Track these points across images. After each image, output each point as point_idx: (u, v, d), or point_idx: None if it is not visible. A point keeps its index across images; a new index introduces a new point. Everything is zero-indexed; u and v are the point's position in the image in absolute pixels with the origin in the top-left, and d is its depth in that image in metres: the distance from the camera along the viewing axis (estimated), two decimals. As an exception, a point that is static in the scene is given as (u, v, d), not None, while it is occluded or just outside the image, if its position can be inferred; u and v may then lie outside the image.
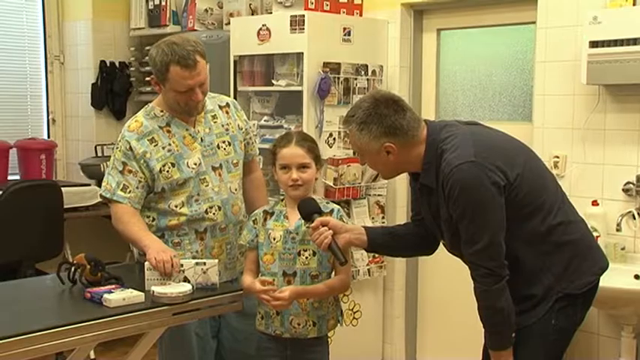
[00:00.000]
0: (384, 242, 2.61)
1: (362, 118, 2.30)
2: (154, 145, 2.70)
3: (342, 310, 2.77)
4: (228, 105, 2.91)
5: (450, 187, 2.20)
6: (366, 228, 2.62)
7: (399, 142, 2.29)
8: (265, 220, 2.67)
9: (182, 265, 2.49)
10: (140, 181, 2.68)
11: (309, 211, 2.57)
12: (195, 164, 2.73)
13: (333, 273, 2.68)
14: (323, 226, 2.50)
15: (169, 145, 2.71)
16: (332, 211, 2.67)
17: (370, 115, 2.29)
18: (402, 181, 4.13)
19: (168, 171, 2.69)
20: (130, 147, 2.68)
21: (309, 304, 2.63)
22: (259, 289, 2.54)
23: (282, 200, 2.71)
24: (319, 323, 2.66)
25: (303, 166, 2.62)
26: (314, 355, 2.69)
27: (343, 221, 2.65)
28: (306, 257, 2.62)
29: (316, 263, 2.63)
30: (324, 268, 2.65)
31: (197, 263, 2.52)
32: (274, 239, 2.63)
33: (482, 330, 2.32)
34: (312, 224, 2.52)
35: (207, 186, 2.74)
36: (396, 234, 2.65)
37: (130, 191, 2.67)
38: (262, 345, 2.70)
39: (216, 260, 2.57)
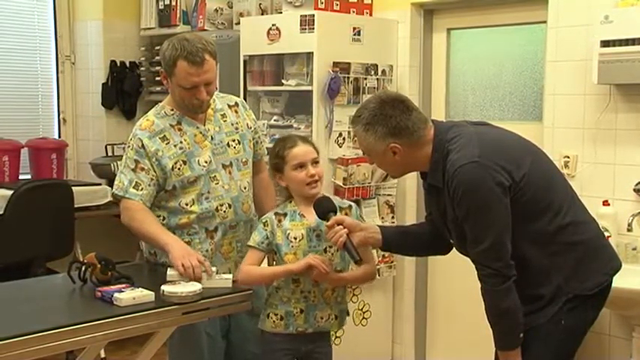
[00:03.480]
0: (399, 241, 2.62)
1: (368, 119, 2.31)
2: (166, 143, 2.71)
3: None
4: (236, 104, 2.92)
5: (455, 187, 2.20)
6: (380, 227, 2.63)
7: (405, 143, 2.29)
8: (280, 221, 2.66)
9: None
10: (152, 179, 2.69)
11: (324, 209, 2.58)
12: (206, 162, 2.74)
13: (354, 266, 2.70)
14: (338, 224, 2.52)
15: (181, 142, 2.72)
16: (351, 207, 2.72)
17: (376, 116, 2.30)
18: (412, 181, 4.12)
19: (179, 168, 2.70)
20: (143, 145, 2.69)
21: (333, 298, 2.67)
22: (321, 259, 2.55)
23: (290, 202, 2.71)
24: (340, 317, 2.71)
25: (315, 162, 2.65)
26: (327, 348, 2.74)
27: (362, 218, 2.71)
28: (332, 254, 2.64)
29: (339, 258, 2.66)
30: (347, 262, 2.67)
31: (216, 272, 2.55)
32: (295, 238, 2.63)
33: (493, 330, 2.31)
34: (328, 223, 2.54)
35: (217, 184, 2.75)
36: (410, 233, 2.66)
37: (142, 189, 2.68)
38: (276, 347, 2.68)
39: (231, 275, 2.60)
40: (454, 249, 2.52)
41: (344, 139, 3.92)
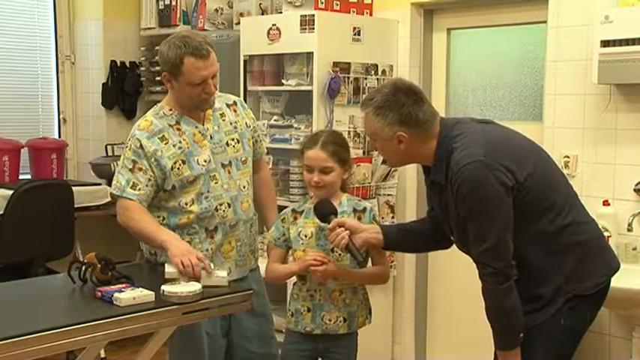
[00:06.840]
0: (400, 240, 2.64)
1: (380, 103, 2.30)
2: (165, 143, 2.71)
3: (370, 309, 2.81)
4: (235, 103, 2.92)
5: (458, 185, 2.20)
6: (382, 227, 2.66)
7: (413, 133, 2.29)
8: (295, 219, 2.73)
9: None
10: (150, 180, 2.69)
11: (324, 212, 2.63)
12: (206, 161, 2.74)
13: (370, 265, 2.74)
14: (340, 226, 2.53)
15: (180, 142, 2.72)
16: (365, 209, 2.74)
17: (388, 101, 2.29)
18: (412, 181, 4.12)
19: (179, 168, 2.70)
20: (141, 145, 2.69)
21: (341, 300, 2.69)
22: (313, 255, 2.59)
23: (310, 198, 2.78)
24: (349, 320, 2.71)
25: (324, 171, 2.67)
26: (345, 350, 2.75)
27: (375, 220, 2.75)
28: (340, 254, 2.66)
29: (349, 259, 2.66)
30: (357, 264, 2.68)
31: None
32: (306, 236, 2.69)
33: (493, 330, 2.31)
34: (329, 225, 2.57)
35: (216, 183, 2.75)
36: (411, 231, 2.67)
37: (139, 189, 2.68)
38: (291, 341, 2.74)
39: (226, 272, 2.60)
40: (453, 248, 2.52)
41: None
